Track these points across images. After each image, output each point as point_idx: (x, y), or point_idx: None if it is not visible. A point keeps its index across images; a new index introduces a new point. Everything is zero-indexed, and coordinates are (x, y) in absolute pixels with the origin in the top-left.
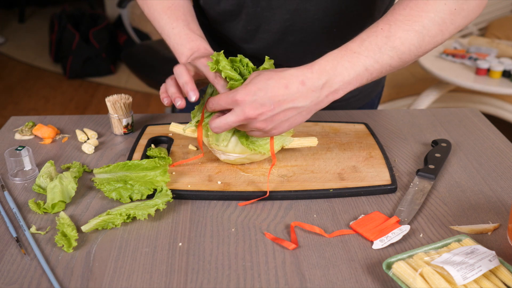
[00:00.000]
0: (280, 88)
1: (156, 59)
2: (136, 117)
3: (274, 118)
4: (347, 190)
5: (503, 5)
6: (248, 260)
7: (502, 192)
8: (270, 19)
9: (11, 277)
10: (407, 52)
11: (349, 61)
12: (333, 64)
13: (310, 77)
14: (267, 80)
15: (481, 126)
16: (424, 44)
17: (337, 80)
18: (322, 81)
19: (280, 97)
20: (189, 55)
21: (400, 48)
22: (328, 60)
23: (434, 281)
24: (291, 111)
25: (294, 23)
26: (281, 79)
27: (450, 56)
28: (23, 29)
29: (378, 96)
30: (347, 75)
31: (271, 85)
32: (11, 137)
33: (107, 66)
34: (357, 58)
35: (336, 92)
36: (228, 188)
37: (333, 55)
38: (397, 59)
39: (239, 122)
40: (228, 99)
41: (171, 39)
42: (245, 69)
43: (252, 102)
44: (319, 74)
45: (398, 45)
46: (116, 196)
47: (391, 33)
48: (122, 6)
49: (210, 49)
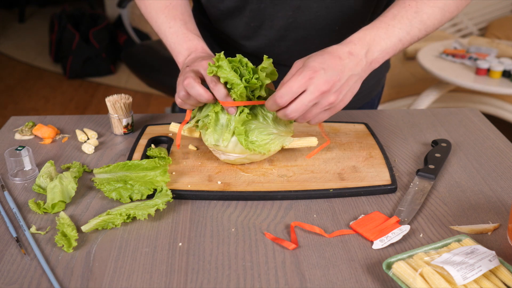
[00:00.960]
0: (336, 60)
1: (156, 59)
2: (136, 117)
3: (342, 89)
4: (347, 190)
5: (503, 5)
6: (248, 260)
7: (502, 192)
8: (273, 15)
9: (11, 277)
10: (431, 25)
11: (385, 32)
12: (371, 36)
13: (354, 48)
14: (322, 57)
15: (481, 126)
16: (444, 19)
17: (377, 49)
18: (365, 50)
19: (340, 67)
20: (186, 55)
21: (426, 22)
22: (366, 33)
23: (434, 281)
24: (351, 79)
25: (297, 19)
26: (332, 53)
27: (450, 56)
28: (23, 29)
29: (378, 96)
30: (384, 44)
31: (328, 59)
32: (11, 137)
33: (107, 66)
34: (392, 30)
35: (376, 60)
36: (228, 188)
37: (370, 29)
38: (424, 32)
39: (315, 100)
40: (301, 81)
41: (168, 39)
42: (244, 69)
43: (322, 76)
44: (361, 44)
45: (425, 19)
46: (116, 196)
47: (418, 9)
48: (122, 6)
49: (207, 49)
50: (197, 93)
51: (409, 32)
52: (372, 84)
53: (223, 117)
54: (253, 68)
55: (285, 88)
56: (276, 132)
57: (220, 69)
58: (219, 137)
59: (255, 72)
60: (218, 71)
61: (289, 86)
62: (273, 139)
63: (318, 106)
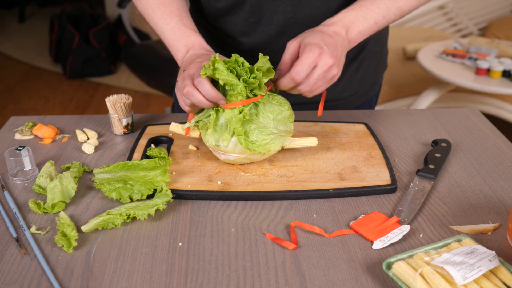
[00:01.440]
0: (330, 38)
1: (156, 59)
2: (136, 117)
3: (341, 61)
4: (347, 190)
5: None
6: (248, 260)
7: (502, 192)
8: (272, 10)
9: (11, 277)
10: (407, 11)
11: (363, 16)
12: (350, 18)
13: (336, 28)
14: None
15: (481, 126)
16: (419, 5)
17: (355, 30)
18: (345, 30)
19: (334, 43)
20: (184, 52)
21: (402, 8)
22: (346, 15)
23: (434, 281)
24: (343, 53)
25: (296, 15)
26: (323, 32)
27: (450, 56)
28: (23, 29)
29: (375, 95)
30: (362, 26)
31: (324, 37)
32: (11, 137)
33: (107, 66)
34: (370, 14)
35: (354, 40)
36: (228, 188)
37: (349, 11)
38: (398, 16)
39: (324, 73)
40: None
41: (165, 36)
42: (241, 69)
43: (327, 52)
44: (342, 25)
45: (402, 5)
46: (116, 196)
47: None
48: (122, 6)
49: (205, 44)
50: (197, 100)
51: (385, 16)
52: (369, 83)
53: (223, 117)
54: (250, 67)
55: (301, 65)
56: (276, 132)
57: (217, 72)
58: (219, 137)
59: (252, 72)
60: (216, 74)
61: (303, 62)
62: (273, 139)
63: (323, 78)
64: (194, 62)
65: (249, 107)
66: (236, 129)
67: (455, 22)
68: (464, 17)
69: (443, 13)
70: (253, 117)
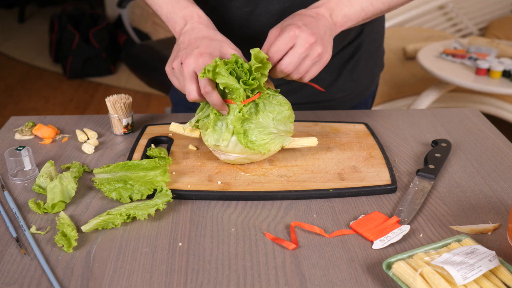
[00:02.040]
0: (310, 19)
1: (156, 59)
2: (136, 117)
3: (324, 40)
4: (347, 190)
5: (503, 5)
6: (248, 260)
7: (502, 192)
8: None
9: (11, 277)
10: (396, 2)
11: (349, 0)
12: (335, 2)
13: (319, 10)
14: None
15: (481, 126)
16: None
17: (340, 13)
18: (329, 13)
19: (315, 23)
20: (182, 25)
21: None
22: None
23: (434, 281)
24: (327, 33)
25: (294, 4)
26: (303, 15)
27: (450, 56)
28: (23, 29)
29: (372, 95)
30: (347, 10)
31: (303, 18)
32: (11, 137)
33: (107, 66)
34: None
35: (340, 24)
36: (228, 188)
37: None
38: (387, 6)
39: (305, 52)
40: (287, 38)
41: (162, 9)
42: (241, 70)
43: (306, 30)
44: (325, 7)
45: None
46: (116, 196)
47: None
48: (122, 6)
49: (203, 15)
50: (213, 102)
51: (373, 3)
52: (365, 83)
53: (223, 117)
54: (249, 68)
55: (274, 46)
56: (276, 132)
57: (218, 76)
58: (219, 137)
59: (251, 72)
60: (217, 78)
61: (277, 44)
62: (273, 138)
63: (308, 58)
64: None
65: (249, 106)
66: (236, 128)
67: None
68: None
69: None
70: (252, 117)
